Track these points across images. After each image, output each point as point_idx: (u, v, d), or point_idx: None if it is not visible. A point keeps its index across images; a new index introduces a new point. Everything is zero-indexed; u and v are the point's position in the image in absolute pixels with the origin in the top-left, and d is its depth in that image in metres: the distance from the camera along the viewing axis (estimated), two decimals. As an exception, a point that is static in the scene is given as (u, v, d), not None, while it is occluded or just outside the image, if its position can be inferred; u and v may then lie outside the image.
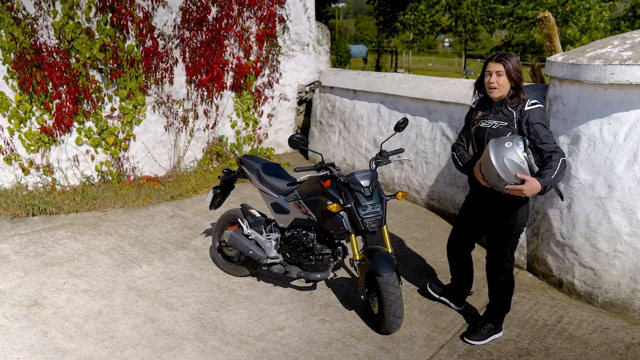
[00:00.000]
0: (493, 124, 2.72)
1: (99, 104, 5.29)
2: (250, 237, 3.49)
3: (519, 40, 22.10)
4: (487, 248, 2.97)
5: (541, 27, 4.17)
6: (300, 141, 3.07)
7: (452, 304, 3.35)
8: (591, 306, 3.42)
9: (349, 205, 2.99)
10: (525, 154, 2.49)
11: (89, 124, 5.30)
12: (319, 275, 3.29)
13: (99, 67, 5.21)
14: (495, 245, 2.89)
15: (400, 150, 3.37)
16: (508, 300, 2.98)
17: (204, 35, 5.90)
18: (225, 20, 6.07)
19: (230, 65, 6.27)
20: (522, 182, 2.48)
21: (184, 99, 5.94)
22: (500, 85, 2.66)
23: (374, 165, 3.21)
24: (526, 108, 2.64)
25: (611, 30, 20.32)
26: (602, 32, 19.56)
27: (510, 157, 2.48)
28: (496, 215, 2.81)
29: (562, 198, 2.70)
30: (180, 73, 5.84)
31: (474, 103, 2.93)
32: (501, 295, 2.96)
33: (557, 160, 2.54)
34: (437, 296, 3.37)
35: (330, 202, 3.04)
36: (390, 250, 3.11)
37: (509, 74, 2.64)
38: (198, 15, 5.80)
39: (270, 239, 3.48)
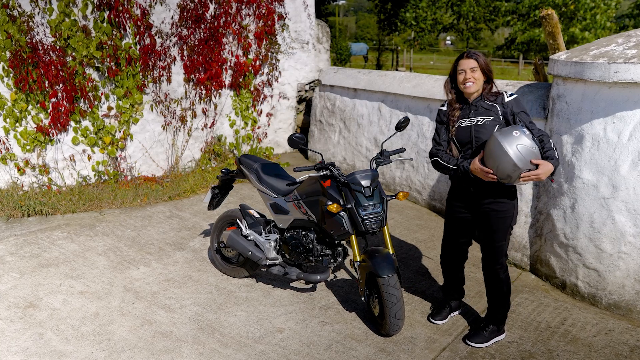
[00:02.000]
0: (477, 121, 2.73)
1: (96, 102, 5.24)
2: (249, 237, 3.45)
3: (523, 39, 22.11)
4: (484, 249, 2.91)
5: (544, 25, 4.13)
6: (299, 140, 3.03)
7: (454, 313, 3.29)
8: (595, 308, 3.38)
9: (349, 206, 2.95)
10: (535, 140, 2.55)
11: (86, 123, 5.25)
12: (318, 277, 3.25)
13: (96, 65, 5.16)
14: (493, 243, 2.85)
15: (402, 150, 3.33)
16: (509, 298, 2.96)
17: (202, 33, 5.85)
18: (224, 18, 6.02)
19: (228, 64, 6.22)
20: (536, 167, 2.53)
21: (182, 98, 5.89)
22: (476, 80, 2.72)
23: (374, 165, 3.17)
24: (507, 99, 2.72)
25: (617, 30, 20.30)
26: (608, 32, 19.53)
27: (523, 144, 2.51)
28: (493, 212, 2.79)
29: (552, 179, 2.73)
30: (178, 71, 5.79)
31: (442, 105, 2.92)
32: (503, 293, 2.93)
33: (550, 142, 2.63)
34: (446, 321, 3.24)
35: (330, 203, 3.00)
36: (391, 251, 3.07)
37: (482, 68, 2.71)
38: (196, 13, 5.75)
39: (269, 239, 3.44)
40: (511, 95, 2.74)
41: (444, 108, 2.89)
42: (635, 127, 3.11)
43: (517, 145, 2.49)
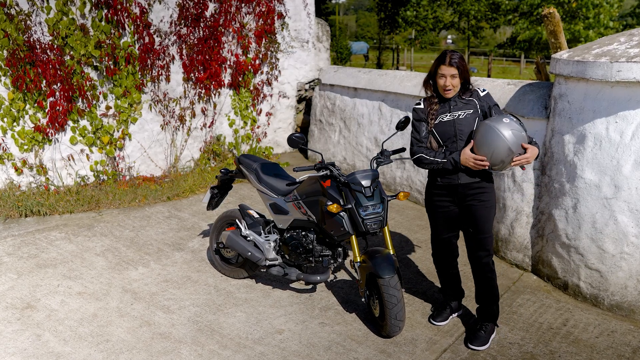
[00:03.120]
0: (459, 115, 2.83)
1: (94, 102, 5.21)
2: (248, 238, 3.43)
3: (525, 38, 22.05)
4: (475, 243, 2.90)
5: (546, 24, 4.10)
6: (299, 140, 3.02)
7: (454, 314, 3.27)
8: (597, 309, 3.36)
9: (350, 206, 2.92)
10: (522, 125, 2.69)
11: (84, 122, 5.22)
12: (318, 277, 3.23)
13: (94, 64, 5.13)
14: (483, 234, 2.88)
15: (402, 150, 3.30)
16: (498, 290, 3.00)
17: (201, 32, 5.82)
18: (223, 17, 5.99)
19: (228, 63, 6.19)
20: (525, 151, 2.65)
21: (180, 97, 5.87)
22: (454, 87, 2.82)
23: (375, 165, 3.15)
24: (482, 95, 2.89)
25: (620, 29, 20.25)
26: (611, 30, 19.48)
27: (515, 129, 2.64)
28: (480, 202, 2.84)
29: (523, 167, 2.84)
30: (177, 70, 5.76)
31: (418, 104, 2.96)
32: (494, 286, 2.94)
33: (525, 129, 2.75)
34: (447, 322, 3.23)
35: (331, 203, 2.98)
36: (391, 252, 3.05)
37: (462, 75, 2.80)
38: (195, 11, 5.72)
39: (269, 240, 3.42)
40: (484, 90, 2.91)
41: (421, 105, 2.95)
42: (638, 126, 3.08)
43: (512, 130, 2.63)
